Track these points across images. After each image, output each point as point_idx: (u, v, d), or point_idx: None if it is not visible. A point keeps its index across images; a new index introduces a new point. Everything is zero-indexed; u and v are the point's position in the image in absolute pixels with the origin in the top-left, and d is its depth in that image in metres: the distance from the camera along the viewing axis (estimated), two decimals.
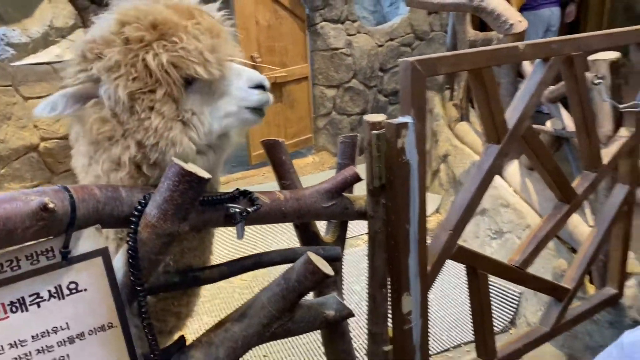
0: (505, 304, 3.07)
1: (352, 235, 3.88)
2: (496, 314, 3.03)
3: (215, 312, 3.20)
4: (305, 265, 1.37)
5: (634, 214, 2.45)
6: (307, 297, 1.45)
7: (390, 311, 1.68)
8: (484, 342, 1.94)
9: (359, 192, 1.66)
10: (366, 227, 1.63)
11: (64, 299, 1.08)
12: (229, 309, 1.98)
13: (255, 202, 1.37)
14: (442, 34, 6.37)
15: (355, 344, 1.86)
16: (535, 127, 3.35)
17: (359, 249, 3.87)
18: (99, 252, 1.11)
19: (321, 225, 1.71)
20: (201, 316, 3.10)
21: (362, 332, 2.54)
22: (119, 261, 1.15)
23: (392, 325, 1.68)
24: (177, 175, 1.11)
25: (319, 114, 6.03)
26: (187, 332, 1.48)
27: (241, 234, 1.35)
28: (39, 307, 1.05)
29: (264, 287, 1.43)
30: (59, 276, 1.07)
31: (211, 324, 1.41)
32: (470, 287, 1.87)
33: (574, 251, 2.76)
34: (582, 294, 2.54)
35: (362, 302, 1.99)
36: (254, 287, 3.37)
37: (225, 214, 1.32)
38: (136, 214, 1.14)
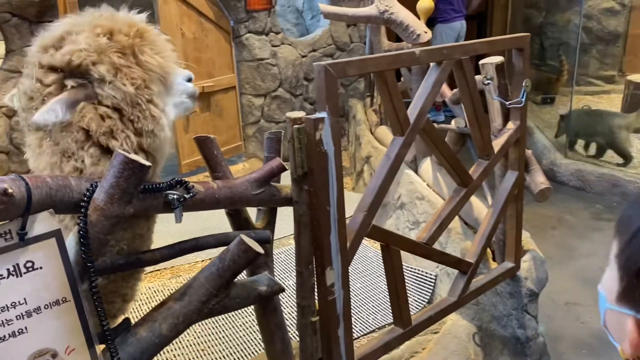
0: (422, 285, 3.37)
1: (283, 235, 4.07)
2: (415, 294, 3.34)
3: None
4: (238, 245, 1.53)
5: (524, 199, 2.83)
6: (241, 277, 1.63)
7: (316, 285, 1.89)
8: (400, 311, 2.19)
9: (286, 182, 1.88)
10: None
11: (21, 276, 1.19)
12: None
13: (190, 190, 1.54)
14: (362, 45, 6.76)
15: (289, 330, 2.04)
16: (442, 126, 3.75)
17: (289, 247, 4.04)
18: (52, 233, 1.22)
19: (252, 213, 1.91)
20: None
21: (293, 320, 2.75)
22: (72, 241, 1.29)
23: (317, 297, 1.90)
24: (122, 163, 1.28)
25: (248, 122, 6.18)
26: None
27: (179, 218, 1.52)
28: None
29: (202, 268, 1.61)
30: (17, 256, 1.17)
31: None
32: (385, 262, 2.11)
33: None
34: (486, 270, 2.89)
35: (294, 295, 2.21)
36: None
37: (164, 201, 1.47)
38: (85, 199, 1.29)
